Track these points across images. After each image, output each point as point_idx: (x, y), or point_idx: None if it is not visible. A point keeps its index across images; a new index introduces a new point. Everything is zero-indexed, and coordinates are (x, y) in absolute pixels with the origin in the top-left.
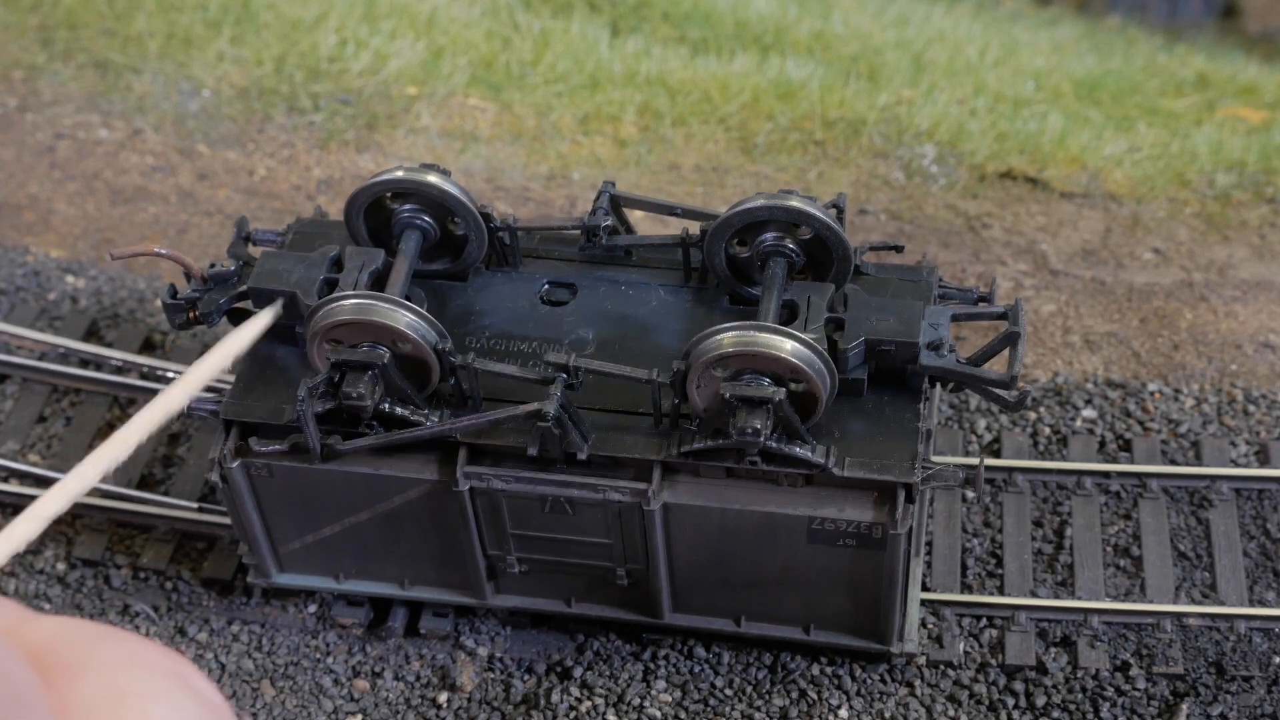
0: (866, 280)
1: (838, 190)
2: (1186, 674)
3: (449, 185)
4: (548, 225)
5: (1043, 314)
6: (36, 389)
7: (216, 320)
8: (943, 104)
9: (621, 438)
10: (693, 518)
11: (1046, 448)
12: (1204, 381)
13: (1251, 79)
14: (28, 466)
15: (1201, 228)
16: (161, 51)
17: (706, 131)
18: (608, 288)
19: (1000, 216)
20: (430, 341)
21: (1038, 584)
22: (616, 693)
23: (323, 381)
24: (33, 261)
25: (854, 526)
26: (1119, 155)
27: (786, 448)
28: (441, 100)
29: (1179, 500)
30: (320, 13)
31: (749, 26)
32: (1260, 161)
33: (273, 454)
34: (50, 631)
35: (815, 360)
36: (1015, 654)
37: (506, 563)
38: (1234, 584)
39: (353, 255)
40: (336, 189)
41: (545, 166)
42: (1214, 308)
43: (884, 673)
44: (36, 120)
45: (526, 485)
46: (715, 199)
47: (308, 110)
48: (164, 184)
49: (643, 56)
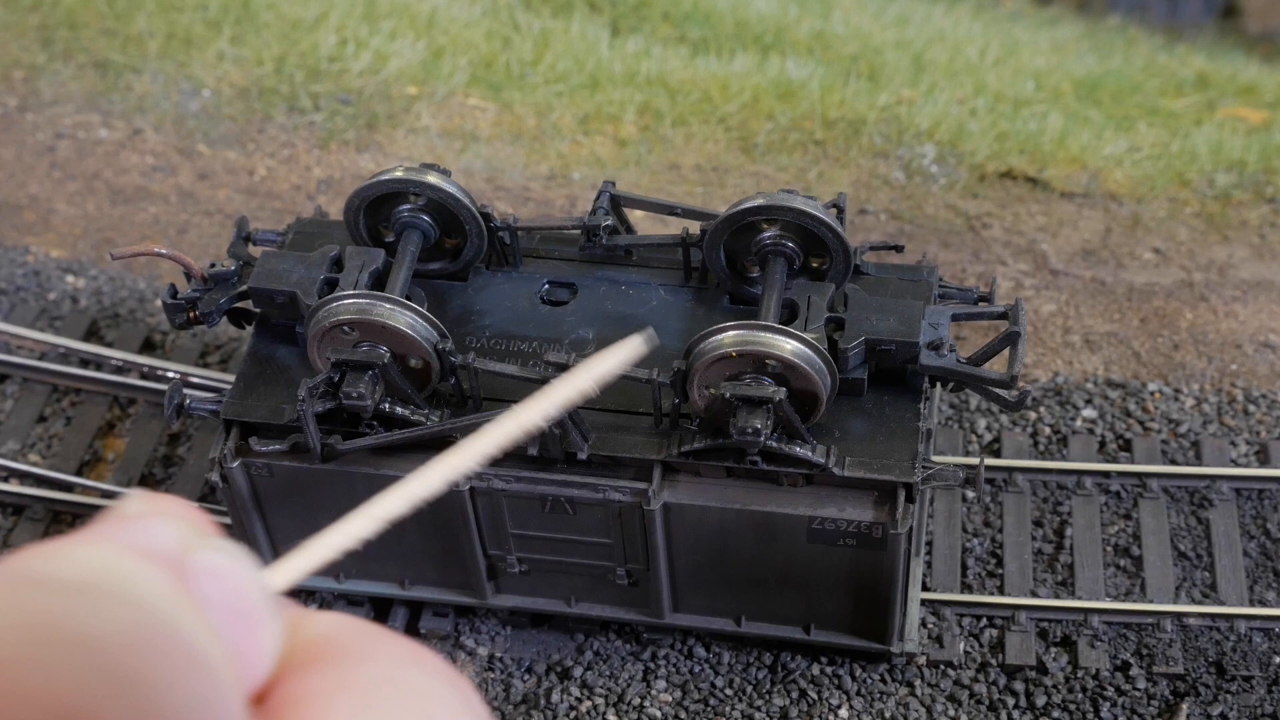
0: (867, 280)
1: (838, 190)
2: (1187, 674)
3: (449, 185)
4: (548, 225)
5: (1043, 314)
6: (37, 389)
7: (216, 320)
8: (943, 104)
9: (622, 437)
10: (693, 517)
11: (1047, 448)
12: (1204, 381)
13: (1251, 79)
14: (28, 466)
15: (1201, 228)
16: (162, 51)
17: (706, 131)
18: (608, 287)
19: (1000, 216)
20: (431, 341)
21: (1038, 584)
22: (616, 692)
23: (323, 381)
24: (33, 261)
25: (854, 526)
26: (1119, 155)
27: (787, 447)
28: (441, 100)
29: (1179, 500)
30: (320, 13)
31: (749, 26)
32: (1260, 161)
33: (273, 454)
34: (332, 623)
35: (816, 360)
36: (1015, 654)
37: (507, 562)
38: (1234, 584)
39: (353, 255)
40: (336, 189)
41: (545, 166)
42: (1214, 307)
43: (884, 672)
44: (37, 120)
45: (527, 485)
46: (715, 199)
47: (308, 110)
48: (164, 184)
49: (643, 56)
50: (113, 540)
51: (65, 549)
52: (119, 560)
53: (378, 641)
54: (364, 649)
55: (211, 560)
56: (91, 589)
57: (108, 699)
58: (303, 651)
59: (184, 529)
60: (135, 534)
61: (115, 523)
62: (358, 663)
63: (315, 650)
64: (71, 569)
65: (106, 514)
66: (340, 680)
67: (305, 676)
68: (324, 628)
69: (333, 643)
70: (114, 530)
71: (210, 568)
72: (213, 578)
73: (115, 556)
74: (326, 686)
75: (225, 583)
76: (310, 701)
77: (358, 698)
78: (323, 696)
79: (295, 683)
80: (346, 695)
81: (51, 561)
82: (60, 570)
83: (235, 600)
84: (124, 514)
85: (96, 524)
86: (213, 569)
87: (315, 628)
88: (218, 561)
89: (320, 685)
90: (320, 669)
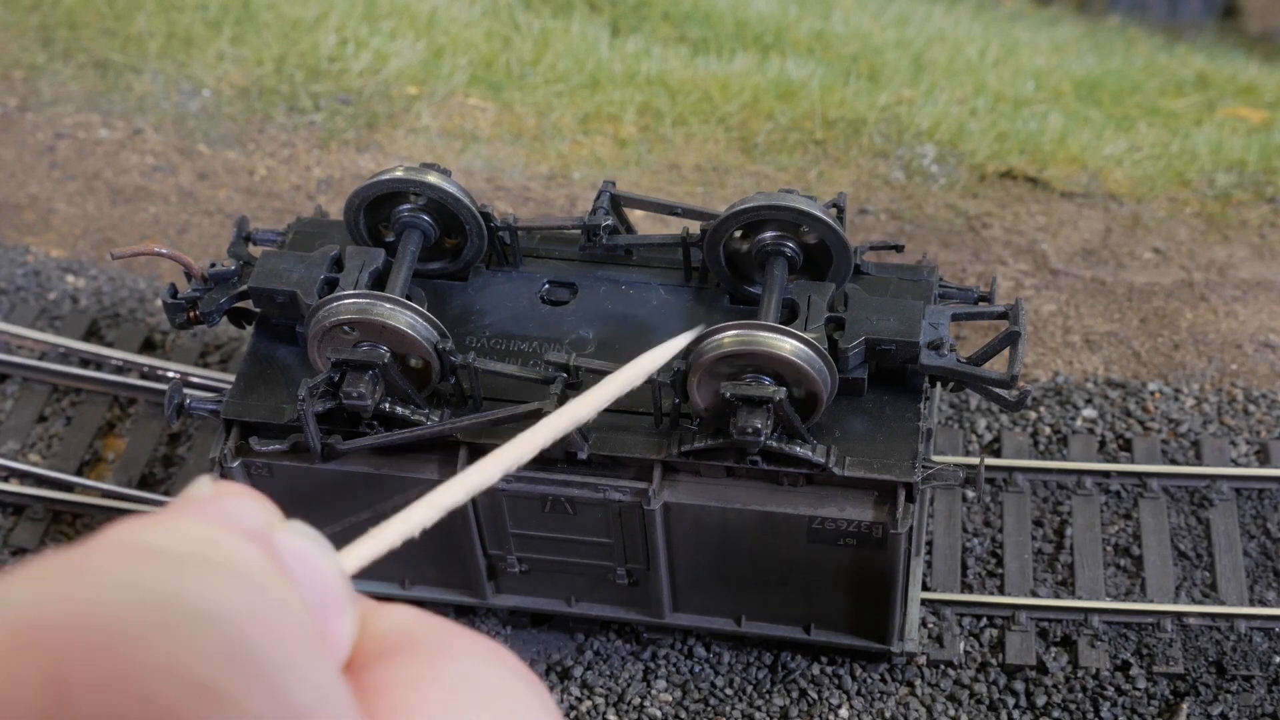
0: (867, 280)
1: (838, 190)
2: (1187, 674)
3: (449, 185)
4: (548, 225)
5: (1043, 314)
6: (37, 389)
7: (216, 320)
8: (943, 104)
9: (622, 437)
10: (693, 517)
11: (1047, 447)
12: (1204, 381)
13: (1251, 79)
14: (28, 466)
15: (1202, 227)
16: (162, 51)
17: (707, 131)
18: (608, 287)
19: (1000, 216)
20: (431, 341)
21: (1038, 583)
22: (617, 692)
23: (323, 381)
24: (33, 261)
25: (854, 526)
26: (1119, 155)
27: (787, 447)
28: (442, 100)
29: (1179, 500)
30: (320, 12)
31: (749, 26)
32: (1260, 161)
33: (273, 454)
34: (411, 617)
35: (816, 359)
36: (1015, 653)
37: (507, 562)
38: (1234, 584)
39: (353, 255)
40: (336, 189)
41: (545, 166)
42: (1214, 307)
43: (884, 672)
44: (37, 120)
45: (527, 485)
46: (715, 199)
47: (308, 110)
48: (164, 184)
49: (643, 56)
50: (209, 516)
51: (167, 522)
52: (224, 535)
53: (460, 638)
54: (448, 644)
55: (296, 542)
56: (203, 562)
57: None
58: (378, 642)
59: (265, 510)
60: (225, 512)
61: (199, 503)
62: (445, 657)
63: (395, 641)
64: (180, 542)
65: (182, 497)
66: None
67: (392, 665)
68: (401, 620)
69: (414, 636)
70: (204, 508)
71: (295, 549)
72: (298, 558)
73: (219, 531)
74: (417, 676)
75: (309, 564)
76: (403, 690)
77: (448, 691)
78: (417, 685)
79: (382, 671)
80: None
81: (159, 534)
82: (171, 543)
83: (320, 582)
84: (201, 496)
85: (180, 503)
86: (297, 550)
87: (391, 619)
88: (301, 543)
89: (412, 674)
90: (406, 660)
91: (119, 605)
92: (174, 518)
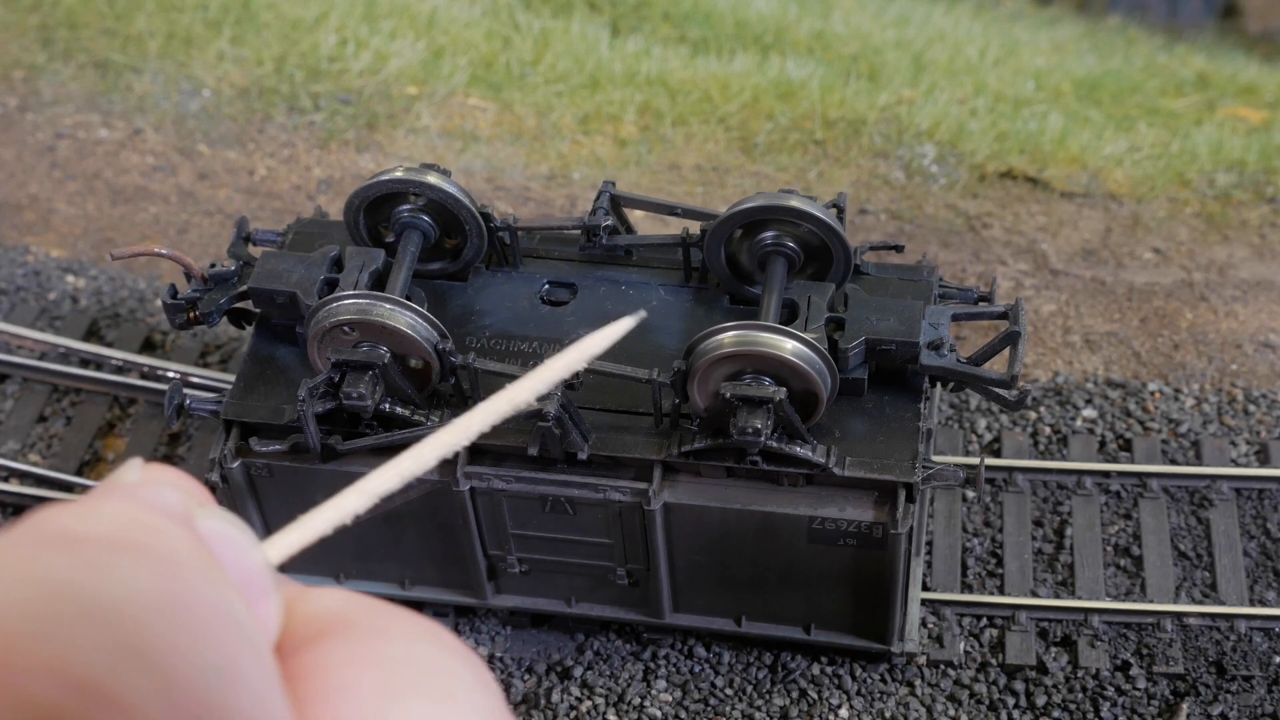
0: (867, 280)
1: (838, 190)
2: (1187, 674)
3: (449, 185)
4: (548, 225)
5: (1043, 314)
6: (37, 389)
7: (216, 320)
8: (943, 104)
9: (622, 438)
10: (693, 517)
11: (1047, 447)
12: (1204, 381)
13: (1251, 79)
14: (28, 466)
15: (1201, 227)
16: (162, 51)
17: (706, 131)
18: (608, 288)
19: (1000, 216)
20: (431, 341)
21: (1038, 584)
22: (617, 692)
23: (323, 382)
24: (33, 261)
25: (854, 526)
26: (1119, 155)
27: (787, 447)
28: (441, 100)
29: (1179, 500)
30: (320, 12)
31: (749, 26)
32: (1260, 161)
33: (273, 454)
34: (340, 599)
35: (816, 360)
36: (1015, 653)
37: (507, 563)
38: (1234, 584)
39: (353, 255)
40: (336, 189)
41: (545, 166)
42: (1214, 307)
43: (884, 672)
44: (36, 120)
45: (527, 485)
46: (715, 199)
47: (308, 110)
48: (164, 184)
49: (643, 56)
50: (132, 499)
51: (89, 504)
52: (148, 517)
53: (392, 618)
54: (381, 624)
55: (218, 526)
56: (118, 546)
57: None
58: (308, 625)
59: (188, 495)
60: (148, 494)
61: (124, 486)
62: (376, 637)
63: (325, 624)
64: (99, 525)
65: (108, 480)
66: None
67: (322, 648)
68: (330, 603)
69: (344, 618)
70: (128, 491)
71: (217, 533)
72: (220, 542)
73: (143, 513)
74: (349, 657)
75: (231, 549)
76: (335, 671)
77: (381, 671)
78: (348, 666)
79: (311, 654)
80: (370, 668)
81: (79, 518)
82: (88, 527)
83: (243, 567)
84: (125, 479)
85: (105, 486)
86: (219, 534)
87: (321, 602)
88: (223, 528)
89: (343, 655)
90: (336, 642)
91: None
92: (97, 500)
